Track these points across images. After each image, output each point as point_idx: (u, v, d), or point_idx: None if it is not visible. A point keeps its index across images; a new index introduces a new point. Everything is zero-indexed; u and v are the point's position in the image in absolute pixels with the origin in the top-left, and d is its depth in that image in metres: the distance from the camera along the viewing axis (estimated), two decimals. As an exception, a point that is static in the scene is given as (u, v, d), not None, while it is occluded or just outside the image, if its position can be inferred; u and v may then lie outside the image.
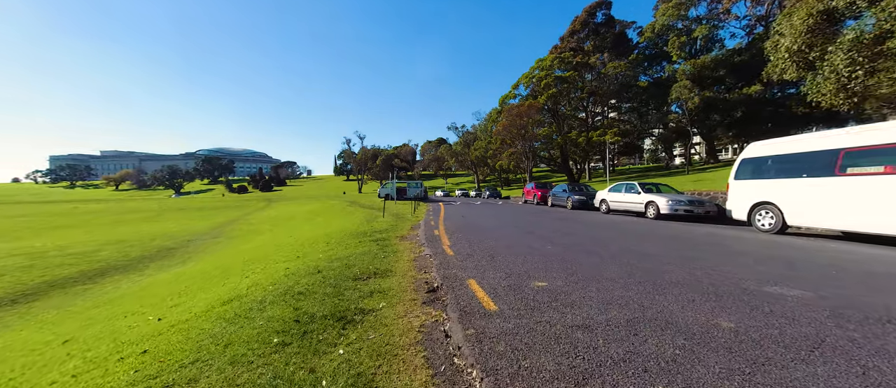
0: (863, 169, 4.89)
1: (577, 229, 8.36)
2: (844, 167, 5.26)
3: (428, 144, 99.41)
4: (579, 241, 6.45)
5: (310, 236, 12.75)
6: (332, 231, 12.13)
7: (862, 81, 12.37)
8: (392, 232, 9.45)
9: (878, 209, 4.87)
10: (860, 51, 12.01)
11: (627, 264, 4.31)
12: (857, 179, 5.07)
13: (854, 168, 4.99)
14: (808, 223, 5.82)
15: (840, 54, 12.51)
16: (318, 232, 13.61)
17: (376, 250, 6.64)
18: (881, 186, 4.83)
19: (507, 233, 7.99)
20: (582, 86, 41.31)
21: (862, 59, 12.01)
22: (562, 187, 16.81)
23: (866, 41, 11.86)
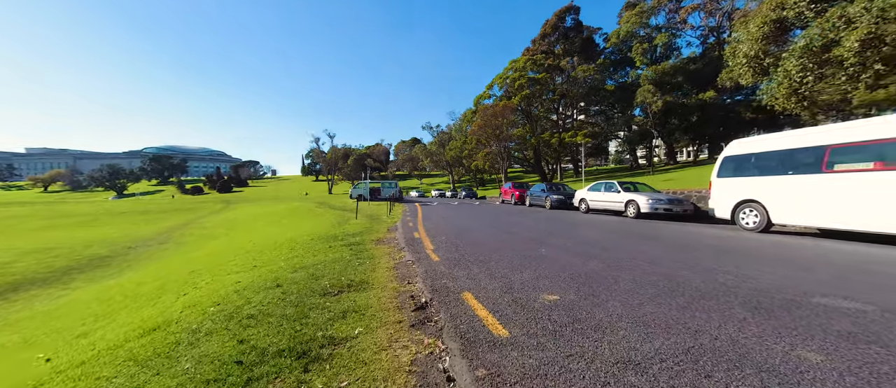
0: (851, 166, 4.92)
1: (564, 230, 8.03)
2: (831, 164, 5.22)
3: (402, 144, 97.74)
4: (572, 243, 6.06)
5: (272, 240, 11.52)
6: (298, 235, 11.02)
7: (811, 85, 13.31)
8: (367, 235, 8.62)
9: (868, 206, 4.83)
10: (810, 57, 12.90)
11: (639, 270, 3.90)
12: (846, 175, 5.08)
13: (842, 165, 5.02)
14: (795, 221, 5.76)
15: (792, 60, 13.38)
16: (282, 236, 12.37)
17: (350, 256, 5.84)
18: (871, 183, 4.83)
19: (492, 234, 7.48)
20: (553, 88, 42.29)
21: (812, 66, 12.90)
22: (540, 187, 16.72)
23: (815, 49, 12.74)
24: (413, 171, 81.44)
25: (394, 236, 8.34)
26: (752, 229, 6.24)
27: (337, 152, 77.58)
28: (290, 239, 10.10)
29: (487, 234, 7.58)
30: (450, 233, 7.94)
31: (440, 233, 8.06)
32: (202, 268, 7.66)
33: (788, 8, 14.57)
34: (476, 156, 44.50)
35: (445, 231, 8.34)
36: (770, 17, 14.98)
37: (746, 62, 15.82)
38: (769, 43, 15.08)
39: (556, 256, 4.85)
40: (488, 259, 4.81)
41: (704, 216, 9.39)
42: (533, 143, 40.64)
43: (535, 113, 44.45)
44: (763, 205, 5.98)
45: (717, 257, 4.55)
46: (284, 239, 10.56)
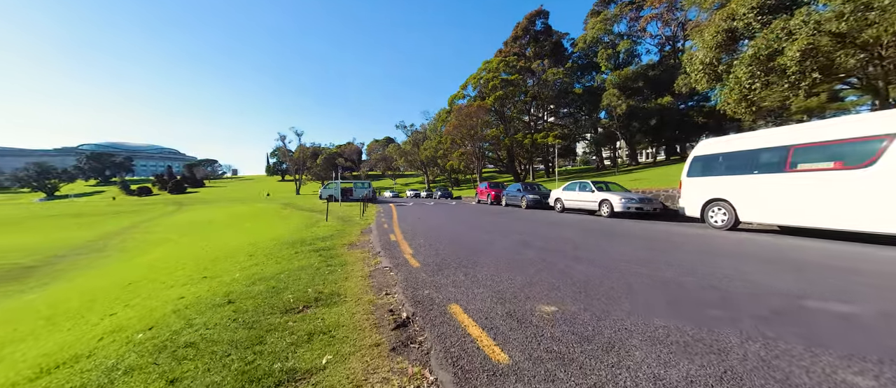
0: (812, 165, 5.19)
1: (544, 230, 7.93)
2: (794, 163, 5.40)
3: (375, 143, 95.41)
4: (556, 243, 5.91)
5: (230, 245, 10.48)
6: (260, 240, 10.10)
7: (759, 91, 14.42)
8: (338, 239, 8.00)
9: (830, 204, 4.99)
10: (757, 65, 13.95)
11: (633, 274, 3.74)
12: (808, 175, 5.26)
13: (804, 164, 5.29)
14: (760, 219, 5.92)
15: (743, 67, 14.41)
16: (241, 241, 11.33)
17: (318, 263, 5.28)
18: (831, 182, 5.00)
19: (473, 236, 7.19)
20: (526, 90, 43.18)
21: (759, 73, 13.96)
22: (516, 187, 16.78)
23: (762, 57, 13.80)
24: (387, 171, 79.83)
25: (368, 239, 7.80)
26: (720, 227, 6.48)
27: (305, 151, 74.21)
28: (251, 245, 9.21)
29: (468, 235, 7.28)
30: (429, 235, 7.54)
31: (418, 235, 7.64)
32: (142, 280, 6.67)
33: (738, 19, 15.70)
34: (451, 156, 44.38)
35: (424, 233, 7.94)
36: (722, 27, 16.09)
37: (702, 69, 16.89)
38: (722, 51, 16.20)
39: (544, 258, 4.63)
40: (472, 263, 4.48)
41: (672, 215, 9.77)
42: (506, 143, 41.24)
43: (508, 114, 45.16)
44: (731, 204, 6.22)
45: (707, 258, 4.55)
46: (244, 245, 9.63)
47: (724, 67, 16.14)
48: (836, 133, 4.92)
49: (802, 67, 12.75)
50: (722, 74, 16.42)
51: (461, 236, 7.29)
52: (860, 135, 4.65)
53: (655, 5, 42.15)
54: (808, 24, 12.79)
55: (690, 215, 7.10)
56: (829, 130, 5.05)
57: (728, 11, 16.31)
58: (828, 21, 12.13)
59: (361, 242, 7.48)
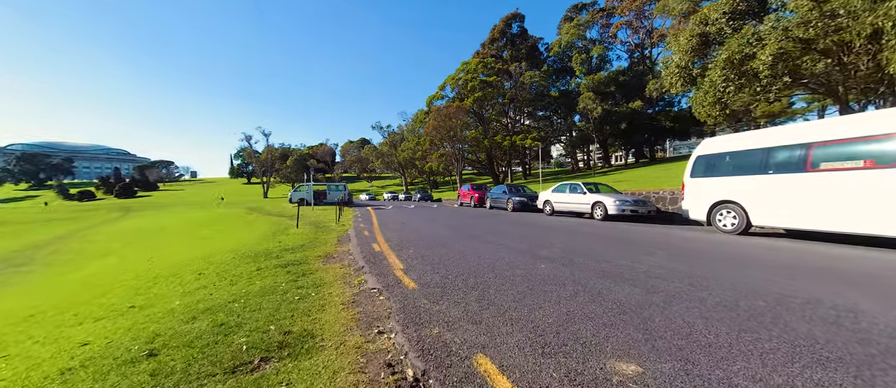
0: (838, 164, 4.87)
1: (543, 235, 7.29)
2: (817, 163, 5.04)
3: (349, 144, 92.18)
4: (567, 253, 5.24)
5: (179, 258, 8.96)
6: (217, 251, 8.70)
7: (733, 95, 14.86)
8: (311, 249, 6.89)
9: (858, 207, 4.63)
10: (731, 69, 14.36)
11: (687, 298, 3.08)
12: (833, 175, 4.90)
13: (828, 163, 4.98)
14: (776, 223, 5.53)
15: (717, 71, 14.79)
16: (195, 252, 9.80)
17: (286, 284, 4.25)
18: (860, 182, 4.64)
19: (470, 244, 6.39)
20: (503, 92, 43.25)
21: (733, 76, 14.37)
22: (501, 189, 16.22)
23: (735, 61, 14.21)
24: (362, 173, 77.28)
25: (347, 249, 6.77)
26: (730, 231, 6.14)
27: (273, 152, 70.19)
28: (204, 258, 7.83)
29: (464, 244, 6.47)
30: (418, 244, 6.64)
31: (406, 244, 6.72)
32: (52, 309, 5.22)
33: (711, 24, 16.21)
34: (430, 157, 43.46)
35: (412, 241, 7.02)
36: (696, 32, 16.55)
37: (678, 72, 17.30)
38: (696, 55, 16.65)
39: (567, 275, 3.91)
40: (482, 284, 3.67)
41: (666, 217, 9.53)
42: (486, 145, 41.00)
43: (486, 115, 45.01)
44: (742, 206, 5.89)
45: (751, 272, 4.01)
46: (196, 258, 8.22)
47: (699, 70, 16.61)
48: (866, 129, 4.61)
49: (774, 71, 13.21)
50: (696, 78, 16.89)
51: (455, 244, 6.47)
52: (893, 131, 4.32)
53: (624, 13, 43.91)
54: (777, 30, 13.29)
55: (695, 218, 6.75)
56: (857, 125, 4.74)
57: (701, 17, 16.82)
58: (796, 27, 12.62)
59: (339, 253, 6.44)
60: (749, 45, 14.20)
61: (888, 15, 8.87)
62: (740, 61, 14.29)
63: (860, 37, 10.21)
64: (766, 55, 13.12)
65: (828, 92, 14.47)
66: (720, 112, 15.99)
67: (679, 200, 9.27)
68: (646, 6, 40.75)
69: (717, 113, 16.06)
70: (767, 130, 5.82)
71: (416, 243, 6.71)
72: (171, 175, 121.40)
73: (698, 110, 17.06)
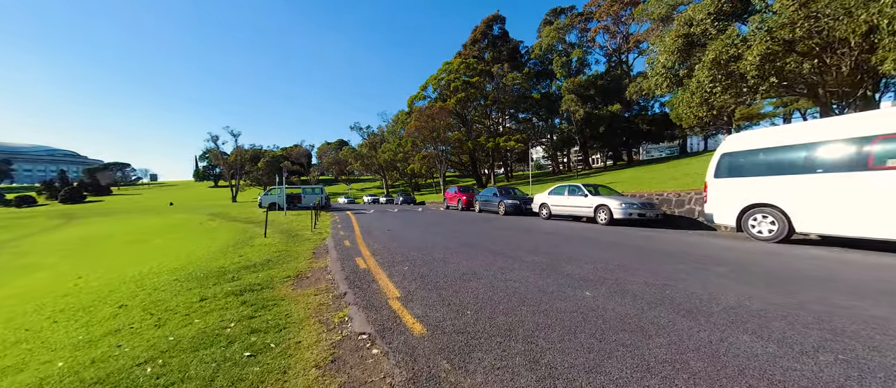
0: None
1: (555, 245, 6.40)
2: (882, 159, 4.34)
3: (326, 146, 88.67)
4: (601, 270, 4.33)
5: (114, 276, 7.31)
6: (159, 269, 7.14)
7: (720, 96, 14.83)
8: (279, 267, 5.59)
9: None
10: (719, 69, 14.30)
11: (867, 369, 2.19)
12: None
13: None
14: (828, 230, 4.84)
15: (704, 71, 14.70)
16: (137, 268, 8.11)
17: (236, 325, 3.03)
18: None
19: (476, 259, 5.36)
20: (486, 94, 42.78)
21: (720, 77, 14.31)
22: (491, 191, 15.32)
23: (722, 61, 14.16)
24: (340, 175, 74.43)
25: (325, 265, 5.55)
26: (768, 239, 5.46)
27: (243, 153, 66.12)
28: (140, 277, 6.31)
29: (469, 258, 5.44)
30: (413, 258, 5.53)
31: (398, 258, 5.59)
32: None
33: (696, 25, 16.20)
34: (413, 159, 42.13)
35: (404, 254, 5.89)
36: (681, 32, 16.53)
37: (664, 73, 17.22)
38: (682, 56, 16.61)
39: (636, 313, 2.96)
40: (520, 327, 2.63)
41: (673, 221, 8.96)
42: (469, 146, 40.25)
43: (469, 117, 44.36)
44: (782, 210, 5.23)
45: (848, 298, 3.23)
46: (131, 277, 6.66)
47: (685, 71, 16.58)
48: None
49: (761, 72, 13.21)
50: (683, 79, 16.87)
51: (458, 257, 5.42)
52: None
53: (602, 18, 44.83)
54: (762, 31, 13.32)
55: (721, 223, 6.08)
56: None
57: (685, 18, 16.83)
58: (781, 28, 12.64)
59: (315, 271, 5.21)
60: (734, 47, 14.21)
61: (883, 12, 8.82)
62: (727, 62, 14.26)
63: (855, 34, 10.21)
64: (753, 56, 13.09)
65: (810, 94, 14.74)
66: (707, 113, 15.98)
67: (686, 202, 8.73)
68: (622, 11, 41.76)
69: (704, 114, 16.04)
70: (811, 123, 5.16)
71: (409, 257, 5.59)
72: (127, 178, 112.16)
73: (684, 111, 17.02)
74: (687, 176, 13.86)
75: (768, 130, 5.68)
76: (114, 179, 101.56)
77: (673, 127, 42.45)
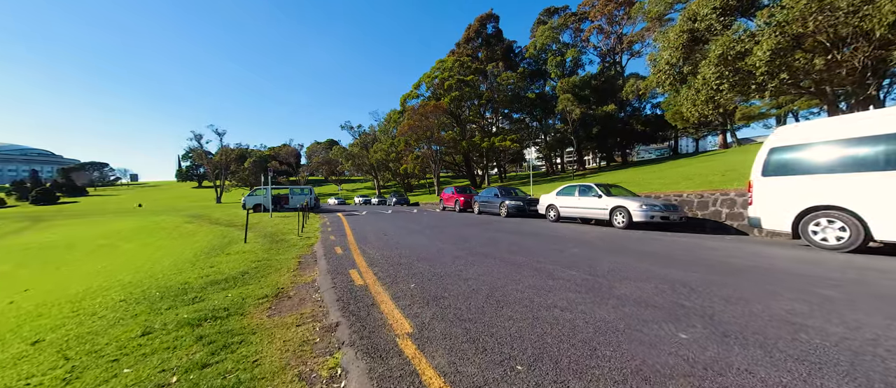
0: None
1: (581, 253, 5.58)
2: None
3: (316, 145, 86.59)
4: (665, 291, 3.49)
5: (55, 295, 6.13)
6: (114, 283, 6.00)
7: (726, 93, 14.33)
8: (255, 282, 4.57)
9: None
10: (726, 65, 13.79)
11: None
12: None
13: None
14: None
15: (711, 68, 14.19)
16: (81, 284, 6.93)
17: (182, 380, 2.03)
18: None
19: (499, 273, 4.47)
20: (480, 94, 42.04)
21: (727, 73, 13.80)
22: (492, 192, 14.44)
23: (730, 57, 13.65)
24: (330, 175, 72.55)
25: (312, 280, 4.57)
26: (836, 248, 4.60)
27: (229, 153, 63.81)
28: (83, 296, 5.21)
29: (489, 272, 4.54)
30: (419, 272, 4.60)
31: (401, 271, 4.64)
32: None
33: (700, 20, 15.70)
34: (406, 159, 41.04)
35: (408, 265, 4.95)
36: (685, 28, 16.03)
37: (668, 70, 16.69)
38: (687, 52, 16.10)
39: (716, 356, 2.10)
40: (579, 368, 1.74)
41: (696, 225, 8.24)
42: (464, 146, 39.39)
43: (464, 116, 43.55)
44: (856, 214, 4.49)
45: None
46: (75, 295, 5.53)
47: (690, 68, 16.08)
48: None
49: (771, 68, 12.73)
50: (687, 76, 16.38)
51: (476, 271, 4.53)
52: None
53: (596, 18, 44.72)
54: (771, 26, 12.86)
55: (771, 228, 5.31)
56: None
57: (689, 13, 16.34)
58: (792, 22, 12.18)
59: (299, 287, 4.23)
60: (742, 42, 13.74)
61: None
62: (735, 58, 13.77)
63: (881, 25, 9.75)
64: (762, 51, 12.61)
65: (817, 92, 14.38)
66: (713, 111, 15.50)
67: (709, 204, 8.04)
68: (616, 11, 41.67)
69: (710, 111, 15.56)
70: (890, 111, 4.41)
71: (415, 270, 4.65)
72: (104, 178, 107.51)
73: (688, 109, 16.50)
74: (699, 176, 13.28)
75: (832, 121, 4.93)
76: (90, 180, 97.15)
77: (666, 128, 42.64)
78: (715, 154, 29.48)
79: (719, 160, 20.78)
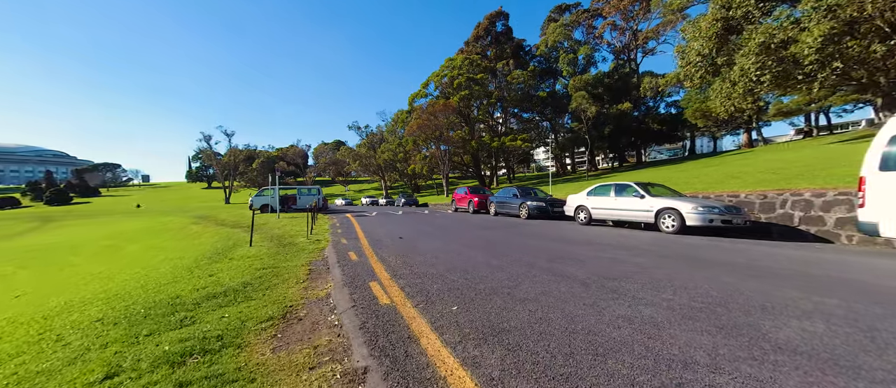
0: None
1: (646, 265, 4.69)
2: None
3: (323, 146, 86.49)
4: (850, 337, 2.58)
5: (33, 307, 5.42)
6: (98, 295, 5.27)
7: (768, 85, 13.19)
8: (259, 296, 3.75)
9: None
10: (769, 55, 12.68)
11: None
12: None
13: None
14: None
15: (750, 58, 13.08)
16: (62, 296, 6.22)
17: None
18: None
19: (562, 293, 3.61)
20: (490, 93, 41.09)
21: (771, 63, 12.68)
22: (510, 191, 13.51)
23: (773, 46, 12.54)
24: (337, 176, 72.24)
25: (326, 294, 3.76)
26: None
27: (237, 154, 63.95)
28: (58, 312, 4.47)
29: (545, 290, 3.70)
30: (456, 286, 3.76)
31: (434, 286, 3.79)
32: None
33: (735, 7, 14.57)
34: (414, 159, 40.27)
35: (440, 277, 4.12)
36: (718, 16, 14.91)
37: (699, 61, 15.59)
38: (720, 42, 14.99)
39: None
40: None
41: (762, 229, 7.22)
42: (473, 145, 38.46)
43: (473, 116, 42.66)
44: None
45: None
46: (51, 309, 4.82)
47: (724, 58, 14.95)
48: None
49: (822, 57, 11.61)
50: (720, 68, 15.26)
51: (531, 289, 3.68)
52: None
53: (610, 14, 43.46)
54: (820, 10, 11.72)
55: (891, 235, 4.32)
56: None
57: (723, 0, 15.21)
58: (847, 5, 11.03)
59: (311, 305, 3.40)
60: (785, 30, 12.62)
61: None
62: (779, 46, 12.65)
63: None
64: (813, 38, 11.48)
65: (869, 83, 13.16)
66: (751, 104, 14.36)
67: (776, 206, 7.02)
68: (631, 6, 40.37)
69: (748, 105, 14.42)
70: None
71: (449, 284, 3.80)
72: (117, 179, 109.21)
73: (722, 103, 15.36)
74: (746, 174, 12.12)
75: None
76: (103, 181, 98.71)
77: (682, 127, 41.10)
78: (741, 154, 28.02)
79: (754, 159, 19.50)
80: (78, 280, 8.96)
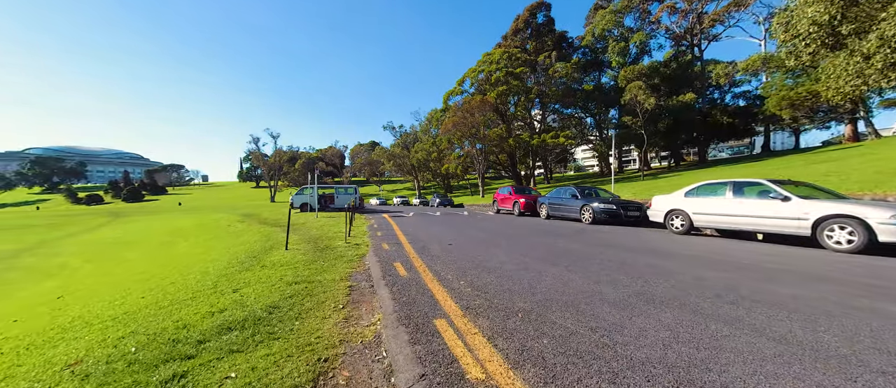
0: None
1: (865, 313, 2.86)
2: None
3: (359, 147, 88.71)
4: None
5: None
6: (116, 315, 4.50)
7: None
8: (286, 333, 2.51)
9: None
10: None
11: None
12: None
13: None
14: None
15: (895, 23, 10.04)
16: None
17: None
18: None
19: (757, 353, 1.98)
20: (529, 88, 38.74)
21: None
22: (567, 192, 11.64)
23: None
24: (372, 176, 73.51)
25: (374, 335, 2.45)
26: None
27: (281, 155, 67.25)
28: (52, 334, 3.64)
29: (736, 349, 2.05)
30: (585, 344, 2.32)
31: (549, 348, 2.36)
32: None
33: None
34: (448, 158, 39.13)
35: (541, 321, 2.71)
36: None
37: (815, 31, 12.53)
38: (846, 6, 11.87)
39: None
40: None
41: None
42: (510, 143, 36.43)
43: (509, 113, 40.56)
44: None
45: None
46: (61, 325, 4.05)
47: (852, 26, 11.83)
48: None
49: None
50: (846, 38, 12.12)
51: (710, 345, 2.06)
52: None
53: (669, -4, 39.03)
54: None
55: None
56: None
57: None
58: None
59: (354, 359, 2.10)
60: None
61: None
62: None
63: None
64: None
65: None
66: (891, 81, 11.19)
67: None
68: (695, -14, 35.79)
69: (889, 82, 11.26)
70: None
71: (562, 331, 2.37)
72: (181, 179, 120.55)
73: (846, 82, 12.24)
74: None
75: None
76: (169, 180, 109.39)
77: (754, 120, 35.61)
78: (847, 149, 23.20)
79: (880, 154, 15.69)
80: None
